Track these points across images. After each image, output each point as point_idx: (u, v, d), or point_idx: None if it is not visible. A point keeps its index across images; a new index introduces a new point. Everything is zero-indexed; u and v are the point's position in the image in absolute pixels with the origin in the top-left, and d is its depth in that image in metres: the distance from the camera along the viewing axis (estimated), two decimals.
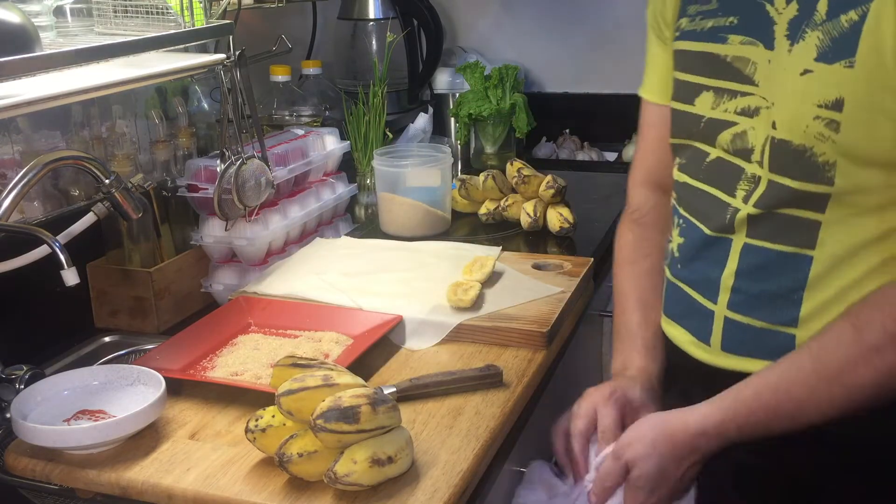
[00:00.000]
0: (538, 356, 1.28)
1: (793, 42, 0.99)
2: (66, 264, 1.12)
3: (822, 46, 0.96)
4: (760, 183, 1.03)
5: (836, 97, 0.95)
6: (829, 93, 0.95)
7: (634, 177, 1.33)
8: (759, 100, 1.03)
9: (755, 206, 1.04)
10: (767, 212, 1.03)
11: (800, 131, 0.98)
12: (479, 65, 2.25)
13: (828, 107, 0.96)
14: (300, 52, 2.22)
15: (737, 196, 1.06)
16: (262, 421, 1.01)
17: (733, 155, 1.07)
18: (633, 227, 1.31)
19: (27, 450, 1.06)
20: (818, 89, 0.96)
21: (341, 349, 1.27)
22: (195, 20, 1.33)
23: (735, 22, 1.07)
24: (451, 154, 1.82)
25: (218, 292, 1.55)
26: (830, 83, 0.95)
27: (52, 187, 1.46)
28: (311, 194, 1.71)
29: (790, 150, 0.99)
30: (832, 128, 0.96)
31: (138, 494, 1.00)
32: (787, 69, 0.99)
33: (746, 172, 1.05)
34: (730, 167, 1.07)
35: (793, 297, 1.03)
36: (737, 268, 1.07)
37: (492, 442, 1.08)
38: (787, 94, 0.99)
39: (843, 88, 0.95)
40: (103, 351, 1.45)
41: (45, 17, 1.24)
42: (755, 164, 1.04)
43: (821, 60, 0.96)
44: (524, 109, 2.25)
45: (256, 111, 1.55)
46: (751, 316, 1.07)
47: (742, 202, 1.06)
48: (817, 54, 0.97)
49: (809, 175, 0.99)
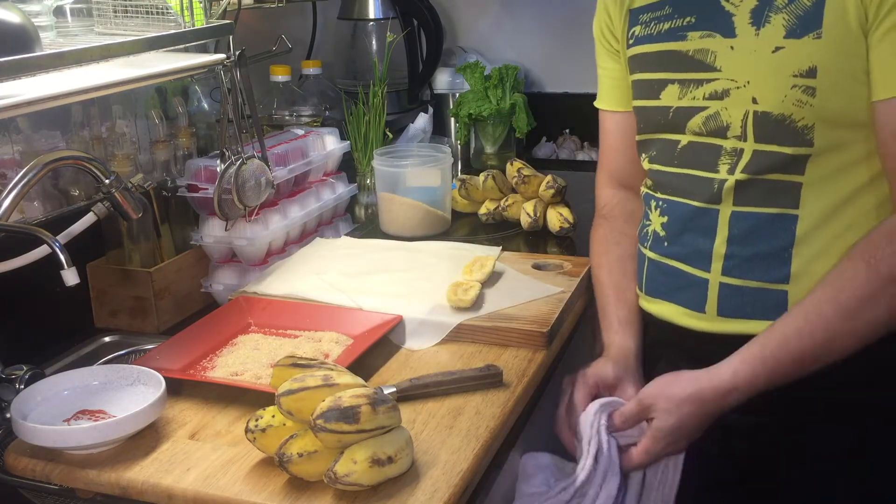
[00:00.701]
0: (538, 356, 1.28)
1: (758, 27, 1.11)
2: (66, 264, 1.12)
3: (788, 25, 1.08)
4: (744, 154, 1.13)
5: (809, 66, 1.07)
6: (803, 63, 1.07)
7: (600, 179, 1.44)
8: (727, 82, 1.13)
9: (742, 172, 1.13)
10: (752, 178, 1.13)
11: (778, 102, 1.09)
12: (479, 65, 2.25)
13: (802, 75, 1.07)
14: (300, 52, 2.22)
15: (720, 170, 1.15)
16: (262, 421, 1.01)
17: (707, 136, 1.16)
18: (602, 222, 1.41)
19: (27, 450, 1.06)
20: (792, 62, 1.07)
21: (341, 349, 1.27)
22: (195, 20, 1.33)
23: (693, 21, 1.17)
24: (451, 154, 1.82)
25: (218, 292, 1.55)
26: (802, 54, 1.07)
27: (52, 187, 1.46)
28: (311, 194, 1.71)
29: (771, 121, 1.10)
30: (809, 93, 1.07)
31: (138, 494, 1.00)
32: (757, 51, 1.11)
33: (726, 148, 1.15)
34: (705, 148, 1.17)
35: (783, 256, 1.12)
36: (728, 235, 1.15)
37: (492, 442, 1.08)
38: (762, 71, 1.10)
39: (815, 57, 1.06)
40: (103, 351, 1.45)
41: (45, 17, 1.24)
42: (733, 139, 1.14)
43: (790, 37, 1.08)
44: (524, 109, 2.25)
45: (256, 111, 1.55)
46: (744, 278, 1.14)
47: (728, 173, 1.14)
48: (786, 32, 1.08)
49: (791, 139, 1.09)
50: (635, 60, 1.26)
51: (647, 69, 1.24)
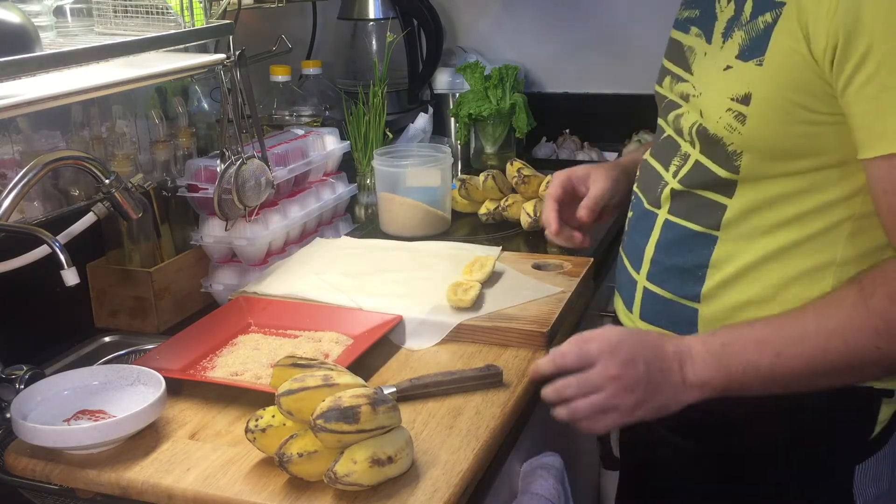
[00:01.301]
0: (538, 356, 1.27)
1: (725, 40, 1.08)
2: (66, 264, 1.12)
3: (742, 45, 1.05)
4: (689, 160, 1.13)
5: (745, 92, 1.03)
6: (740, 87, 1.04)
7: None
8: (690, 87, 1.13)
9: (679, 181, 1.14)
10: (687, 191, 1.13)
11: (713, 121, 1.07)
12: (479, 65, 2.25)
13: (738, 100, 1.04)
14: (300, 52, 2.22)
15: (669, 170, 1.16)
16: (262, 421, 1.01)
17: (675, 133, 1.17)
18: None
19: (27, 450, 1.06)
20: (733, 84, 1.05)
21: (341, 349, 1.27)
22: (195, 20, 1.33)
23: (697, 14, 1.17)
24: (451, 154, 1.82)
25: (218, 292, 1.55)
26: (743, 79, 1.04)
27: (52, 187, 1.46)
28: (311, 194, 1.71)
29: (709, 137, 1.08)
30: (740, 120, 1.04)
31: (138, 494, 1.00)
32: (715, 64, 1.09)
33: (681, 150, 1.15)
34: (671, 144, 1.18)
35: (697, 274, 1.12)
36: (657, 240, 1.17)
37: (492, 442, 1.08)
38: (711, 86, 1.09)
39: (752, 84, 1.03)
40: (103, 351, 1.45)
41: (45, 17, 1.24)
42: (687, 143, 1.14)
43: (739, 58, 1.05)
44: (524, 109, 2.25)
45: (256, 111, 1.55)
46: (662, 287, 1.16)
47: (672, 177, 1.16)
48: (738, 52, 1.05)
49: (722, 161, 1.08)
50: (668, 44, 1.25)
51: (666, 54, 1.25)
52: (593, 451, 1.91)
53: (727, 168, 1.07)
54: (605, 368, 1.04)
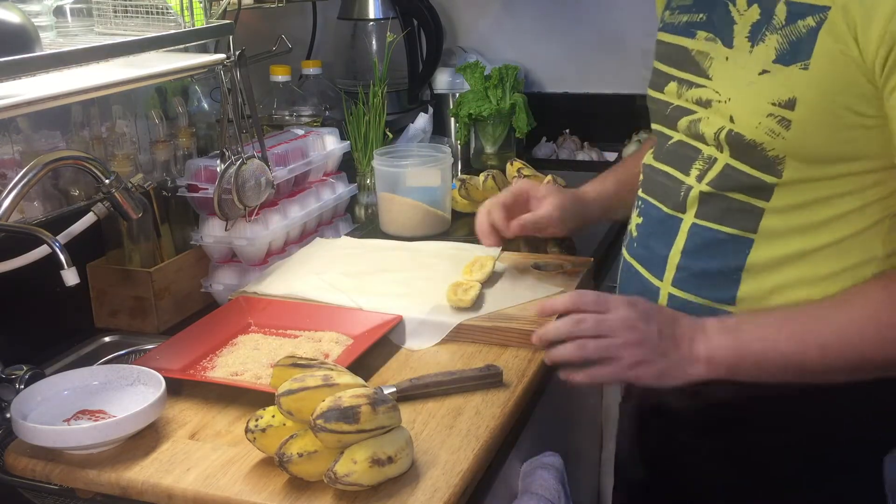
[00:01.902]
0: (538, 356, 1.28)
1: (753, 44, 1.06)
2: (66, 264, 1.12)
3: (780, 49, 1.03)
4: (716, 164, 1.10)
5: (789, 97, 1.01)
6: (784, 92, 1.02)
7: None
8: (712, 92, 1.10)
9: (708, 184, 1.11)
10: (717, 193, 1.10)
11: (752, 127, 1.05)
12: (479, 65, 2.25)
13: (781, 105, 1.02)
14: (300, 52, 2.22)
15: (690, 175, 1.14)
16: (262, 421, 1.01)
17: (691, 138, 1.15)
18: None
19: (27, 450, 1.06)
20: (774, 89, 1.03)
21: (341, 349, 1.27)
22: (195, 20, 1.33)
23: (704, 18, 1.14)
24: (451, 154, 1.82)
25: (218, 292, 1.55)
26: (786, 83, 1.02)
27: (52, 187, 1.46)
28: (311, 194, 1.71)
29: (744, 143, 1.06)
30: (784, 125, 1.02)
31: (138, 494, 1.00)
32: (746, 68, 1.06)
33: (703, 154, 1.12)
34: (688, 148, 1.15)
35: (733, 277, 1.10)
36: (683, 246, 1.14)
37: (492, 442, 1.08)
38: (745, 91, 1.06)
39: (797, 89, 1.01)
40: (103, 351, 1.45)
41: (45, 17, 1.24)
42: (711, 147, 1.11)
43: (778, 62, 1.03)
44: (524, 109, 2.25)
45: (256, 111, 1.55)
46: (692, 293, 1.13)
47: (696, 181, 1.12)
48: (776, 56, 1.03)
49: (761, 165, 1.06)
50: (658, 46, 1.25)
51: (660, 59, 1.23)
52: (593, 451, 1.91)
53: (767, 172, 1.05)
54: (625, 315, 1.07)
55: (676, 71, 1.17)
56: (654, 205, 1.20)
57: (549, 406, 1.38)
